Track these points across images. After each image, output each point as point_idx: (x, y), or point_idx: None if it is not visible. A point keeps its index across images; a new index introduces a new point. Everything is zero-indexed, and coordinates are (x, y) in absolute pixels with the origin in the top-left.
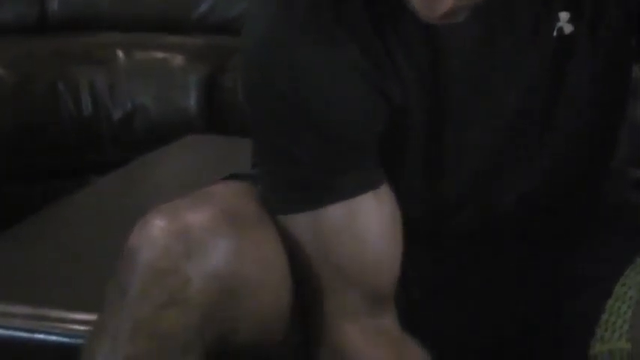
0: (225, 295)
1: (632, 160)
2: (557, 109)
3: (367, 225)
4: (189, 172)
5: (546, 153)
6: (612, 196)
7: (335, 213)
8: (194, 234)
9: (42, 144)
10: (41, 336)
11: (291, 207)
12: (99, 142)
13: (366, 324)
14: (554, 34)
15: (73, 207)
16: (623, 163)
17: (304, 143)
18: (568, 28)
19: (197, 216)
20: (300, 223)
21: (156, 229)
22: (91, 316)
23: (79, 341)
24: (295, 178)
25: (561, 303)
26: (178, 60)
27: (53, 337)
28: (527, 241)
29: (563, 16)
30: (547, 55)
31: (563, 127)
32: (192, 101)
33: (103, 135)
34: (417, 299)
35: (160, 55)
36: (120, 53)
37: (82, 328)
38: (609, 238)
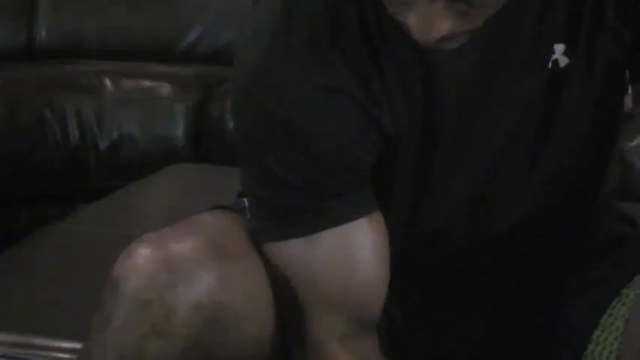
0: (209, 326)
1: (618, 194)
2: (548, 140)
3: (360, 251)
4: (176, 201)
5: (536, 183)
6: (599, 228)
7: (328, 238)
8: (179, 264)
9: (28, 171)
10: None
11: (283, 233)
12: (86, 170)
13: (352, 348)
14: (549, 66)
15: (58, 234)
16: (610, 196)
17: (296, 168)
18: (563, 61)
19: (182, 246)
20: (291, 249)
21: (140, 259)
22: (77, 345)
23: None
24: (287, 203)
25: (547, 333)
26: (166, 89)
27: None
28: (514, 270)
29: (559, 48)
30: (541, 86)
31: (554, 158)
32: (179, 130)
33: (89, 163)
34: (398, 324)
35: (147, 84)
36: (107, 82)
37: (67, 356)
38: (596, 269)
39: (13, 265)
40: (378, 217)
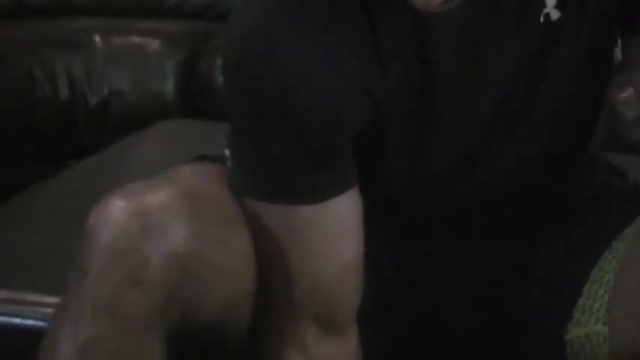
0: (186, 275)
1: (605, 145)
2: (540, 93)
3: (339, 225)
4: (165, 157)
5: (528, 136)
6: (588, 179)
7: (308, 211)
8: (153, 214)
9: (18, 129)
10: (17, 320)
11: (265, 196)
12: (76, 127)
13: (312, 353)
14: (541, 19)
15: (48, 191)
16: (599, 148)
17: (281, 139)
18: (555, 15)
19: (156, 196)
20: (271, 212)
21: (114, 210)
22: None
23: None
24: (271, 169)
25: (538, 286)
26: (155, 45)
27: (30, 321)
28: (505, 223)
29: (550, 1)
30: (533, 41)
31: (546, 110)
32: (168, 86)
33: (79, 120)
34: (387, 276)
35: (136, 40)
36: (97, 38)
37: None
38: (587, 221)
39: (3, 222)
40: (357, 194)
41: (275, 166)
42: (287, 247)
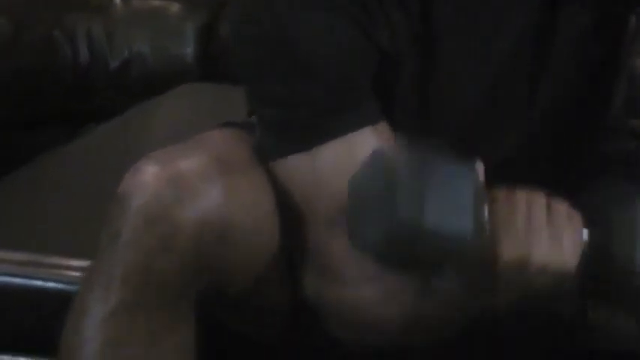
0: (217, 241)
1: (628, 110)
2: (549, 56)
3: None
4: (186, 120)
5: (540, 99)
6: (609, 144)
7: (332, 150)
8: (185, 180)
9: (39, 92)
10: (39, 282)
11: (286, 149)
12: (96, 89)
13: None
14: None
15: (70, 154)
16: (619, 113)
17: (293, 84)
18: None
19: (188, 162)
20: (296, 163)
21: (147, 176)
22: (87, 263)
23: (76, 288)
24: (288, 119)
25: None
26: (175, 8)
27: (51, 284)
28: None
29: None
30: (539, 1)
31: (555, 75)
32: (188, 49)
33: (100, 83)
34: None
35: (157, 3)
36: (117, 1)
37: (79, 274)
38: (606, 189)
39: (24, 185)
40: (385, 129)
41: (292, 115)
42: (319, 190)
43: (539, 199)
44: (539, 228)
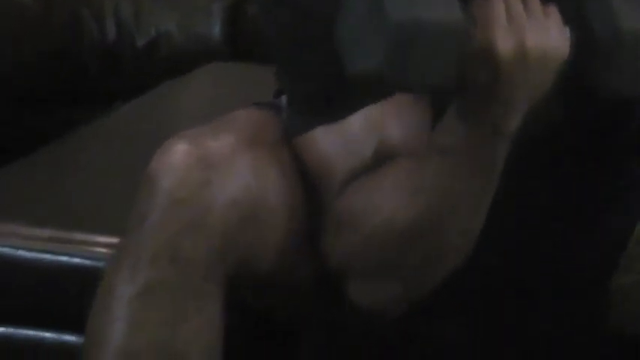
0: (244, 222)
1: None
2: None
3: (389, 130)
4: (213, 99)
5: None
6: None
7: (356, 123)
8: (214, 161)
9: (66, 70)
10: (64, 258)
11: (317, 121)
12: (123, 68)
13: None
14: None
15: (97, 132)
16: None
17: (323, 58)
18: None
19: (217, 143)
20: (323, 135)
21: (176, 156)
22: (114, 239)
23: (102, 264)
24: (317, 91)
25: (586, 235)
26: None
27: (76, 260)
28: (558, 166)
29: None
30: None
31: None
32: (216, 28)
33: (127, 61)
34: None
35: None
36: None
37: (104, 250)
38: (634, 169)
39: (52, 163)
40: (406, 100)
41: (317, 86)
42: (342, 159)
43: None
44: (526, 19)
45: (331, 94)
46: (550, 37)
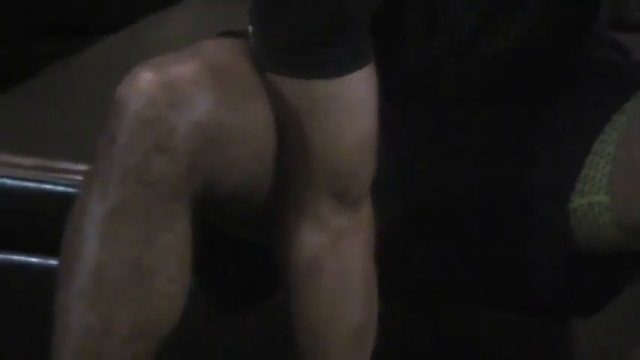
0: (209, 144)
1: (609, 23)
2: None
3: (355, 100)
4: (192, 32)
5: (533, 8)
6: (592, 56)
7: (326, 85)
8: (179, 85)
9: (52, 4)
10: (48, 186)
11: (286, 70)
12: (108, 3)
13: (327, 224)
14: None
15: (80, 64)
16: (601, 25)
17: (304, 12)
18: None
19: (183, 68)
20: (291, 86)
21: (142, 81)
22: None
23: None
24: (293, 43)
25: (543, 158)
26: None
27: (59, 187)
28: (513, 95)
29: None
30: None
31: None
32: None
33: None
34: (405, 155)
35: None
36: None
37: None
38: (589, 96)
39: (37, 93)
40: (373, 70)
41: (296, 40)
42: (305, 120)
43: None
44: None
45: (302, 49)
46: None
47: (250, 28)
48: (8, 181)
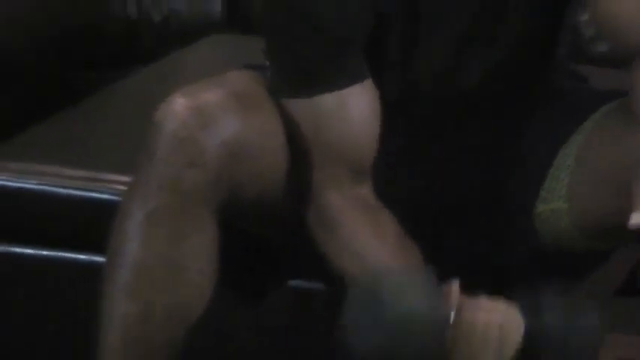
0: (234, 159)
1: (570, 56)
2: (509, 11)
3: (354, 111)
4: (213, 64)
5: (501, 44)
6: (554, 83)
7: (327, 101)
8: (208, 109)
9: (92, 43)
10: (95, 194)
11: (291, 92)
12: (142, 40)
13: (347, 192)
14: None
15: (120, 91)
16: (563, 58)
17: (304, 41)
18: None
19: (211, 95)
20: (297, 106)
21: (177, 106)
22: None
23: None
24: (296, 68)
25: (513, 170)
26: None
27: (105, 196)
28: (484, 117)
29: None
30: None
31: (514, 25)
32: (218, 6)
33: (145, 34)
34: (394, 168)
35: None
36: None
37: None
38: (551, 117)
39: (85, 116)
40: (370, 85)
41: (300, 65)
42: (319, 129)
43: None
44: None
45: (306, 71)
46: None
47: (267, 63)
48: (61, 190)
